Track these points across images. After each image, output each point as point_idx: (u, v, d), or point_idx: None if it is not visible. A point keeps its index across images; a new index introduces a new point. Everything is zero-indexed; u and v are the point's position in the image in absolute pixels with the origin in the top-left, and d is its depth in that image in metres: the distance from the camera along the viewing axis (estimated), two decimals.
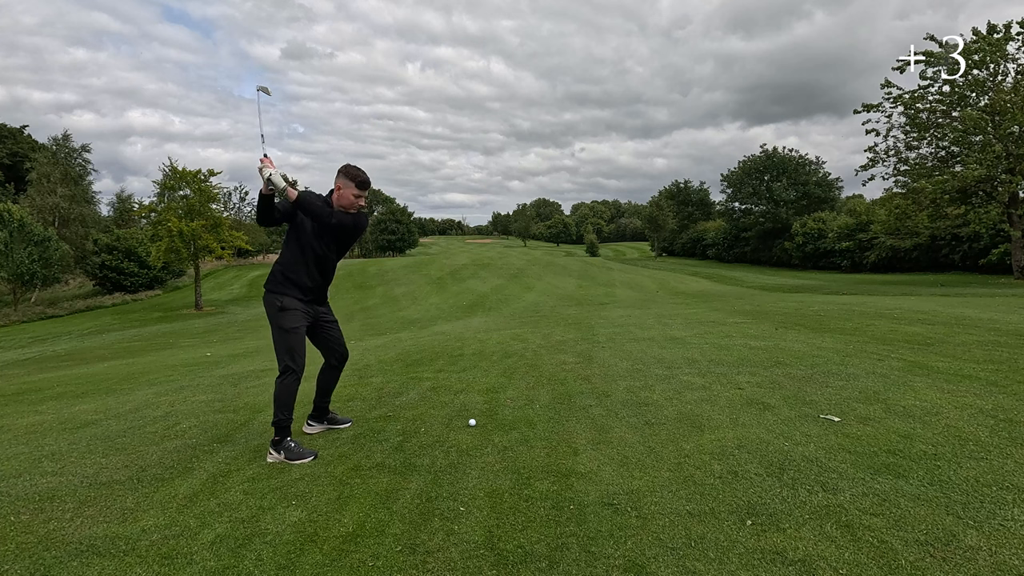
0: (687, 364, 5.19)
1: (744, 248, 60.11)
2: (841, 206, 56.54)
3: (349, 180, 3.40)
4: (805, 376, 4.47)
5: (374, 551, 2.24)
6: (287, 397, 3.28)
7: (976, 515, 2.22)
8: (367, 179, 3.42)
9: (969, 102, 25.04)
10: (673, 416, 3.64)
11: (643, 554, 2.11)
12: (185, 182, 31.08)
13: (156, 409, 4.91)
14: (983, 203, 25.75)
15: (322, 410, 3.82)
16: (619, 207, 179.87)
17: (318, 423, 3.83)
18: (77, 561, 2.25)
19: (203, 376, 7.00)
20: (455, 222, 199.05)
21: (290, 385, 3.29)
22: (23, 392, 7.28)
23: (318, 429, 3.81)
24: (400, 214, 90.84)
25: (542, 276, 37.95)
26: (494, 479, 2.84)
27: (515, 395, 4.45)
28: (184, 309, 32.73)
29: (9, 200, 39.64)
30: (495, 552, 2.19)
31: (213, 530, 2.47)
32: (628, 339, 6.96)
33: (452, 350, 7.01)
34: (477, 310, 23.00)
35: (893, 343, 5.76)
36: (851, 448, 2.93)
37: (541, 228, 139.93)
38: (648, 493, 2.58)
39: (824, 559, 2.00)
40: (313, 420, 3.83)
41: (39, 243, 34.96)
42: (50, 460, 3.55)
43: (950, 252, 35.63)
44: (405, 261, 53.90)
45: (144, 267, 40.37)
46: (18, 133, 57.60)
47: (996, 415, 3.32)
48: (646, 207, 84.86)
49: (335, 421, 3.88)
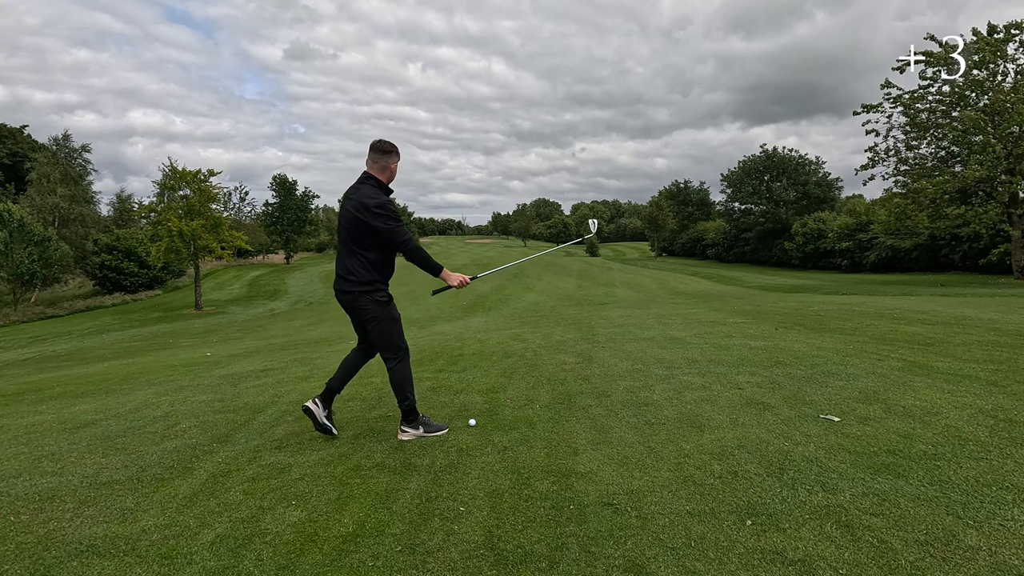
0: (687, 364, 5.19)
1: (744, 248, 60.13)
2: (841, 206, 56.55)
3: (397, 155, 3.59)
4: (805, 376, 4.47)
5: (374, 551, 2.24)
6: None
7: (976, 515, 2.22)
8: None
9: (969, 102, 25.06)
10: (673, 416, 3.64)
11: (643, 554, 2.11)
12: (185, 182, 31.10)
13: (156, 409, 4.91)
14: (983, 203, 25.77)
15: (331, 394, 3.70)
16: (619, 207, 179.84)
17: (326, 406, 3.66)
18: (77, 561, 2.25)
19: (203, 376, 7.00)
20: (455, 222, 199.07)
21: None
22: (23, 392, 7.27)
23: (324, 413, 3.64)
24: (400, 214, 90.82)
25: (542, 276, 37.95)
26: (494, 479, 2.84)
27: (515, 395, 4.45)
28: (184, 309, 32.73)
29: (9, 200, 39.63)
30: (495, 552, 2.19)
31: (213, 530, 2.47)
32: (628, 339, 6.96)
33: (452, 350, 7.01)
34: (477, 310, 23.00)
35: (893, 343, 5.76)
36: (851, 448, 2.93)
37: (541, 228, 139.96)
38: (648, 493, 2.58)
39: (824, 559, 2.00)
40: (321, 401, 3.65)
41: (39, 243, 34.95)
42: (50, 460, 3.55)
43: (950, 252, 35.64)
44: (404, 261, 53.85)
45: (144, 267, 40.37)
46: (18, 133, 57.58)
47: (996, 415, 3.32)
48: (646, 207, 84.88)
49: (331, 421, 3.71)
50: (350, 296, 3.48)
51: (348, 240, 3.46)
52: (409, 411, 3.56)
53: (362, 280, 3.44)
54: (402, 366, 3.55)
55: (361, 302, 3.47)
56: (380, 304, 3.49)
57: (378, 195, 3.43)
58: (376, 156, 3.53)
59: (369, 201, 3.37)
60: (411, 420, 3.58)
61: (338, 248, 3.64)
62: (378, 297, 3.48)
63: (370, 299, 3.47)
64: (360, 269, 3.44)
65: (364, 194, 3.42)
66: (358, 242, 3.42)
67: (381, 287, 3.51)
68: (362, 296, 3.46)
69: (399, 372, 3.54)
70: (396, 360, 3.54)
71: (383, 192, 3.51)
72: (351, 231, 3.43)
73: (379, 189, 3.50)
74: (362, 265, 3.44)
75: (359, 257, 3.44)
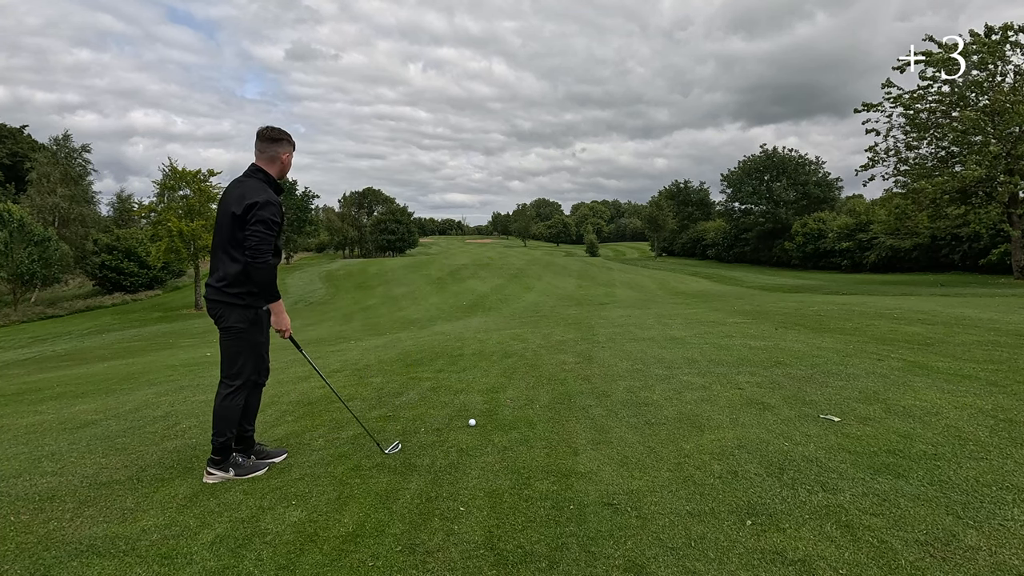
0: (687, 364, 5.19)
1: (744, 248, 60.09)
2: (841, 206, 56.52)
3: (290, 144, 3.16)
4: (805, 376, 4.47)
5: (374, 551, 2.24)
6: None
7: (976, 515, 2.22)
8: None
9: (969, 102, 25.05)
10: (673, 416, 3.64)
11: (643, 554, 2.11)
12: (185, 182, 31.11)
13: (156, 409, 4.91)
14: (983, 203, 25.76)
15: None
16: (619, 207, 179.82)
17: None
18: (77, 561, 2.25)
19: (203, 376, 7.00)
20: (455, 222, 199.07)
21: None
22: (23, 392, 7.28)
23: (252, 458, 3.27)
24: (400, 214, 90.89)
25: (542, 276, 37.95)
26: (494, 479, 2.84)
27: (515, 395, 4.45)
28: (184, 309, 32.72)
29: (9, 200, 39.63)
30: (495, 552, 2.18)
31: (213, 530, 2.47)
32: (628, 339, 6.96)
33: (452, 350, 7.01)
34: (477, 310, 23.00)
35: (893, 343, 5.76)
36: (851, 448, 2.93)
37: (541, 228, 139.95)
38: (648, 493, 2.58)
39: (824, 559, 2.00)
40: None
41: (39, 243, 34.97)
42: (50, 460, 3.55)
43: (950, 252, 35.62)
44: (405, 261, 53.90)
45: (144, 267, 40.40)
46: (18, 133, 57.57)
47: (996, 415, 3.32)
48: (646, 207, 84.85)
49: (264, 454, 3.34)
50: (218, 305, 3.00)
51: (225, 242, 2.96)
52: (221, 449, 3.05)
53: (237, 288, 2.96)
54: (236, 398, 3.05)
55: (224, 312, 2.99)
56: (245, 319, 3.01)
57: (265, 192, 2.93)
58: (264, 145, 3.07)
59: (254, 198, 2.88)
60: (219, 462, 3.07)
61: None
62: (252, 311, 3.02)
63: (239, 312, 2.99)
64: (238, 275, 2.94)
65: (249, 188, 2.94)
66: (236, 244, 2.93)
67: (256, 298, 3.01)
68: (230, 307, 2.98)
69: (227, 402, 3.04)
70: (232, 388, 3.05)
71: (272, 189, 3.02)
72: (228, 231, 2.93)
73: (267, 184, 3.01)
74: (239, 270, 2.94)
75: (238, 262, 2.93)
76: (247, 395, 3.15)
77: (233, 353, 3.06)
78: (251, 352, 3.09)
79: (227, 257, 2.96)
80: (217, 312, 3.03)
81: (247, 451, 3.26)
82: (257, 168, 3.08)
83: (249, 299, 3.00)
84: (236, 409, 3.08)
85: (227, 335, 3.05)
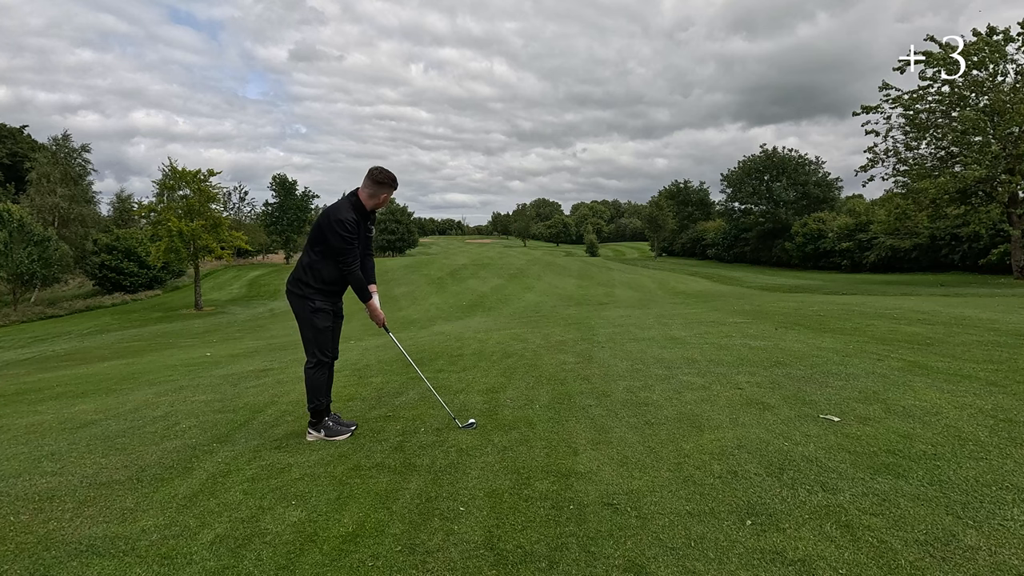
0: (687, 364, 5.19)
1: (744, 248, 60.08)
2: (841, 206, 56.50)
3: (391, 188, 3.72)
4: (805, 376, 4.47)
5: (374, 551, 2.24)
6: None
7: (976, 515, 2.22)
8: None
9: (968, 103, 25.05)
10: (673, 416, 3.64)
11: (643, 554, 2.11)
12: (185, 182, 31.08)
13: (156, 409, 4.91)
14: (983, 203, 25.76)
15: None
16: (619, 207, 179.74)
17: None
18: (77, 561, 2.25)
19: (203, 376, 7.00)
20: (455, 222, 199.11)
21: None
22: (23, 392, 7.27)
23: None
24: (400, 214, 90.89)
25: (542, 276, 37.93)
26: (494, 479, 2.84)
27: (515, 395, 4.45)
28: (184, 309, 32.71)
29: (9, 200, 39.62)
30: (495, 552, 2.18)
31: (213, 530, 2.47)
32: (628, 339, 6.96)
33: (452, 350, 7.01)
34: (477, 310, 22.99)
35: (893, 343, 5.76)
36: (851, 448, 2.93)
37: (541, 228, 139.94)
38: (648, 493, 2.58)
39: (824, 559, 2.00)
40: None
41: (39, 243, 34.95)
42: (50, 460, 3.55)
43: (950, 252, 35.62)
44: (405, 261, 53.89)
45: (144, 267, 40.36)
46: (18, 133, 57.56)
47: (996, 415, 3.32)
48: (646, 207, 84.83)
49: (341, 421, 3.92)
50: (289, 294, 3.73)
51: (307, 243, 3.69)
52: (315, 413, 3.69)
53: (302, 282, 3.64)
54: (318, 372, 3.68)
55: (291, 301, 3.71)
56: (309, 308, 3.64)
57: (348, 212, 3.53)
58: (369, 184, 3.62)
59: (336, 215, 3.51)
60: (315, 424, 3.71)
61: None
62: (310, 303, 3.63)
63: (301, 302, 3.65)
64: (305, 271, 3.64)
65: (337, 206, 3.59)
66: (311, 245, 3.64)
67: (315, 292, 3.64)
68: (292, 296, 3.69)
69: (312, 376, 3.67)
70: (312, 364, 3.68)
71: (356, 211, 3.58)
72: (311, 234, 3.65)
73: (352, 207, 3.58)
74: (304, 268, 3.64)
75: (306, 259, 3.65)
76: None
77: (303, 336, 3.73)
78: (315, 335, 3.68)
79: (304, 254, 3.70)
80: (289, 300, 3.77)
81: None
82: (354, 193, 3.66)
83: (304, 289, 3.64)
84: (320, 380, 3.68)
85: (296, 318, 3.76)
